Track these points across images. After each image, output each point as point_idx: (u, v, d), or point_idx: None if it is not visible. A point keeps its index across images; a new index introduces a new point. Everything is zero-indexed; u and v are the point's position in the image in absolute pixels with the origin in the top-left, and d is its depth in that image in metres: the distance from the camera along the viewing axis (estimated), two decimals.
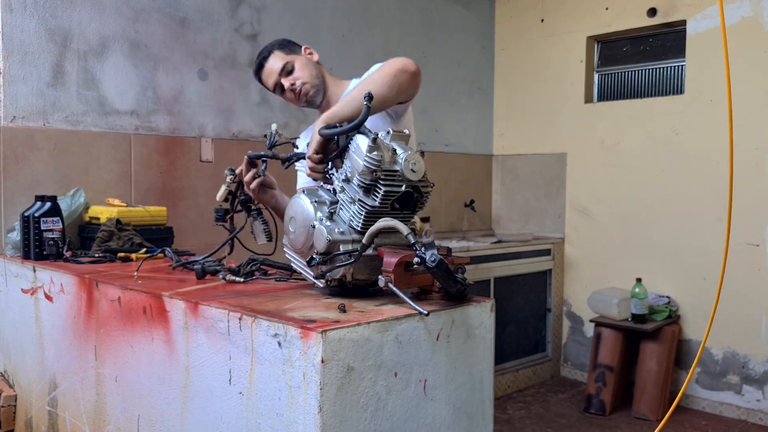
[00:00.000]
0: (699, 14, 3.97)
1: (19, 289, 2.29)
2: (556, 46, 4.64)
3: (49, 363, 2.12)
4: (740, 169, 3.68)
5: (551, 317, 4.60)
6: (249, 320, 1.36)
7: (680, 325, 4.07)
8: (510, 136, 4.96)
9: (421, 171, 1.50)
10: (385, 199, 1.50)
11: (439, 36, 4.57)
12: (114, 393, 1.81)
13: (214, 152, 3.36)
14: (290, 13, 3.65)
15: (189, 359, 1.53)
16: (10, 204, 2.71)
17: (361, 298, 1.54)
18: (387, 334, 1.33)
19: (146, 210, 2.66)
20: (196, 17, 3.29)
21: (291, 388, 1.27)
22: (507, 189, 4.99)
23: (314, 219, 1.55)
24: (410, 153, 1.49)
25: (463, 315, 1.48)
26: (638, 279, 3.99)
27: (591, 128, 4.48)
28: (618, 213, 4.36)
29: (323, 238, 1.50)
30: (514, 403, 4.10)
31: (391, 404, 1.34)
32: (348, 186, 1.56)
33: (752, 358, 3.81)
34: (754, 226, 3.75)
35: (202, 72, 3.33)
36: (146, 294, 1.67)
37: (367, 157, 1.47)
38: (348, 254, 1.48)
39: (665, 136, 4.13)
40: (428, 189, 1.55)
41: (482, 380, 1.55)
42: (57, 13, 2.83)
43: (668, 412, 2.00)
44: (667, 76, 4.27)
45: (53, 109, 2.84)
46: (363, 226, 1.51)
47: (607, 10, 4.38)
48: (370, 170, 1.48)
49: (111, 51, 3.01)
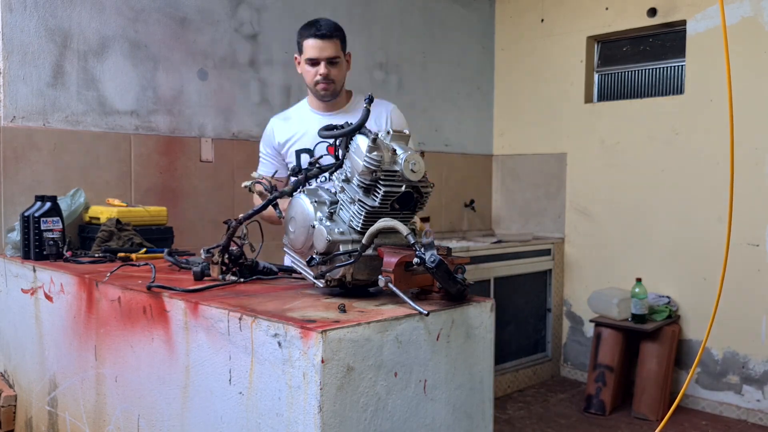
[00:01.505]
0: (699, 14, 3.97)
1: (19, 289, 2.29)
2: (556, 46, 4.64)
3: (49, 363, 2.12)
4: (740, 169, 3.67)
5: (551, 317, 4.60)
6: (249, 320, 1.36)
7: (680, 325, 4.07)
8: (510, 136, 4.96)
9: (421, 171, 1.50)
10: (385, 200, 1.49)
11: (439, 36, 4.57)
12: (114, 393, 1.81)
13: (214, 152, 3.36)
14: (290, 13, 3.65)
15: (189, 359, 1.53)
16: (10, 204, 2.71)
17: (361, 298, 1.54)
18: (387, 334, 1.33)
19: (146, 210, 2.66)
20: (196, 17, 3.29)
21: (291, 388, 1.27)
22: (507, 189, 4.99)
23: (314, 219, 1.55)
24: (410, 153, 1.49)
25: (463, 315, 1.48)
26: (638, 279, 3.99)
27: (591, 128, 4.48)
28: (618, 213, 4.36)
29: (323, 238, 1.50)
30: (514, 403, 4.10)
31: (391, 404, 1.34)
32: (348, 186, 1.56)
33: (752, 358, 3.81)
34: (754, 226, 3.75)
35: (202, 72, 3.33)
36: (146, 294, 1.67)
37: (367, 157, 1.47)
38: (348, 254, 1.48)
39: (665, 136, 4.13)
40: (428, 189, 1.55)
41: (482, 380, 1.55)
42: (57, 13, 2.83)
43: (668, 412, 2.00)
44: (667, 76, 4.27)
45: (53, 109, 2.84)
46: (363, 227, 1.51)
47: (607, 10, 4.38)
48: (369, 170, 1.48)
49: (111, 51, 3.01)
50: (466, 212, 4.83)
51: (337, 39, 2.25)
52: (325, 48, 2.22)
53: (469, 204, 4.82)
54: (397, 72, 4.26)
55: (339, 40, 2.25)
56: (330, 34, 2.22)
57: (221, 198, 3.37)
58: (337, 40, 2.24)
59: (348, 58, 2.33)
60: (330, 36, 2.22)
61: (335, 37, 2.24)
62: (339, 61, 2.26)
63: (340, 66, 2.27)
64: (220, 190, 3.37)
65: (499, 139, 5.01)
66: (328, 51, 2.22)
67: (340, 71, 2.27)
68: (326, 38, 2.22)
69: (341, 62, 2.27)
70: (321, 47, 2.22)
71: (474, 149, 4.90)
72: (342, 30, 2.29)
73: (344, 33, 2.30)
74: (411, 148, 1.52)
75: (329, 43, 2.22)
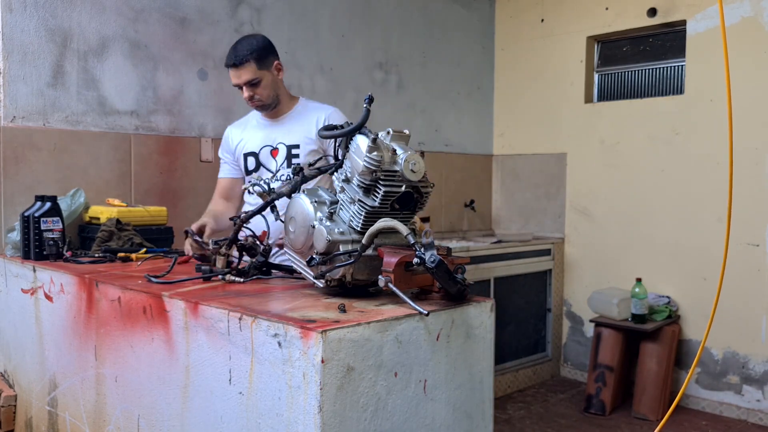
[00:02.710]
0: (699, 14, 3.97)
1: (19, 289, 2.29)
2: (556, 46, 4.64)
3: (49, 363, 2.12)
4: (740, 169, 3.67)
5: (551, 317, 4.60)
6: (249, 320, 1.36)
7: (680, 325, 4.07)
8: (510, 136, 4.96)
9: (420, 171, 1.50)
10: (385, 200, 1.50)
11: (439, 36, 4.56)
12: (114, 393, 1.81)
13: (214, 152, 3.35)
14: (290, 13, 3.65)
15: (189, 359, 1.53)
16: (10, 204, 2.71)
17: (361, 298, 1.54)
18: (387, 334, 1.33)
19: (146, 210, 2.66)
20: (196, 17, 3.29)
21: (291, 388, 1.27)
22: (507, 189, 4.99)
23: (314, 219, 1.55)
24: (410, 153, 1.49)
25: (463, 315, 1.48)
26: (638, 279, 3.99)
27: (591, 128, 4.48)
28: (618, 213, 4.36)
29: (323, 239, 1.50)
30: (514, 403, 4.10)
31: (391, 404, 1.34)
32: (348, 186, 1.56)
33: (752, 358, 3.81)
34: (754, 226, 3.75)
35: (202, 72, 3.33)
36: (146, 294, 1.67)
37: (366, 157, 1.47)
38: (348, 254, 1.48)
39: (665, 136, 4.13)
40: (428, 189, 1.55)
41: (482, 380, 1.55)
42: (57, 13, 2.83)
43: (668, 412, 2.00)
44: (667, 76, 4.27)
45: (53, 109, 2.84)
46: (363, 227, 1.51)
47: (607, 10, 4.38)
48: (369, 170, 1.48)
49: (111, 51, 3.01)
50: (466, 212, 4.83)
51: (251, 61, 2.33)
52: (240, 74, 2.34)
53: (469, 204, 4.82)
54: (396, 72, 4.26)
55: (254, 61, 2.33)
56: (240, 61, 2.33)
57: None
58: (252, 63, 2.33)
59: (277, 67, 2.42)
60: (241, 63, 2.33)
61: (247, 61, 2.33)
62: (258, 81, 2.36)
63: (261, 84, 2.37)
64: None
65: (499, 139, 5.01)
66: (244, 76, 2.34)
67: (264, 88, 2.38)
68: (238, 66, 2.34)
69: (261, 81, 2.36)
70: (236, 75, 2.35)
71: (474, 149, 4.90)
72: (258, 48, 2.35)
73: (262, 51, 2.36)
74: (411, 148, 1.52)
75: (243, 70, 2.33)
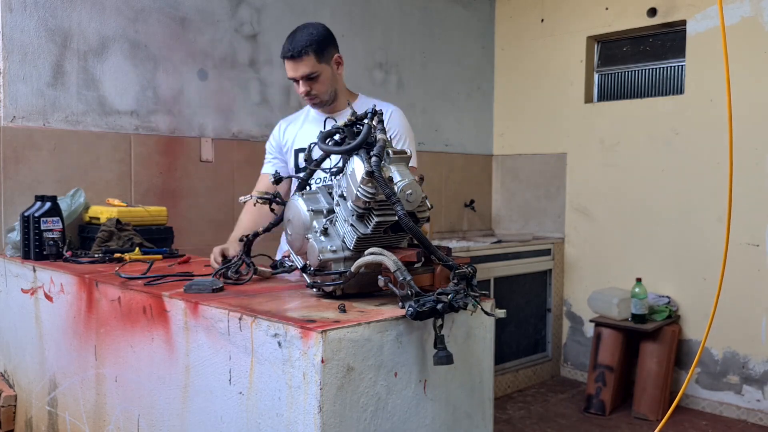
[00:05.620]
0: (699, 14, 3.96)
1: (19, 289, 2.29)
2: (556, 46, 4.64)
3: (49, 363, 2.12)
4: (740, 169, 3.67)
5: (551, 317, 4.60)
6: (249, 320, 1.36)
7: (680, 325, 4.07)
8: (510, 136, 4.96)
9: (416, 201, 1.44)
10: (378, 228, 1.47)
11: (439, 36, 4.56)
12: (114, 393, 1.81)
13: (214, 152, 3.36)
14: (290, 13, 3.65)
15: (189, 359, 1.53)
16: (10, 204, 2.71)
17: (361, 298, 1.54)
18: (387, 334, 1.33)
19: (146, 210, 2.66)
20: (196, 17, 3.29)
21: (291, 388, 1.27)
22: (507, 189, 4.99)
23: (309, 229, 1.55)
24: (407, 182, 1.43)
25: (463, 315, 1.48)
26: (638, 279, 3.99)
27: (591, 128, 4.48)
28: (618, 213, 4.36)
29: (315, 256, 1.50)
30: (514, 403, 4.10)
31: (391, 404, 1.34)
32: (343, 203, 1.52)
33: (752, 358, 3.81)
34: (754, 226, 3.75)
35: (202, 72, 3.33)
36: (146, 294, 1.67)
37: (360, 188, 1.42)
38: (338, 274, 1.48)
39: (665, 136, 4.13)
40: (425, 214, 1.49)
41: (482, 380, 1.55)
42: (57, 13, 2.83)
43: (668, 412, 2.00)
44: (667, 76, 4.27)
45: (53, 109, 2.84)
46: (355, 247, 1.50)
47: (607, 10, 4.38)
48: (363, 201, 1.43)
49: (111, 51, 3.01)
50: (466, 212, 4.83)
51: (310, 54, 2.15)
52: (298, 67, 2.16)
53: (469, 204, 4.82)
54: (396, 72, 4.26)
55: (313, 53, 2.15)
56: (299, 53, 2.13)
57: (221, 198, 3.37)
58: (311, 55, 2.15)
59: (337, 60, 2.25)
60: (299, 55, 2.13)
61: (305, 53, 2.14)
62: (316, 75, 2.18)
63: (320, 79, 2.19)
64: (220, 190, 3.37)
65: (499, 139, 5.01)
66: (302, 69, 2.16)
67: (322, 83, 2.20)
68: (296, 58, 2.15)
69: (320, 75, 2.19)
70: (293, 67, 2.17)
71: (474, 149, 4.90)
72: (318, 39, 2.17)
73: (322, 42, 2.18)
74: (409, 173, 1.46)
75: (301, 63, 2.15)
